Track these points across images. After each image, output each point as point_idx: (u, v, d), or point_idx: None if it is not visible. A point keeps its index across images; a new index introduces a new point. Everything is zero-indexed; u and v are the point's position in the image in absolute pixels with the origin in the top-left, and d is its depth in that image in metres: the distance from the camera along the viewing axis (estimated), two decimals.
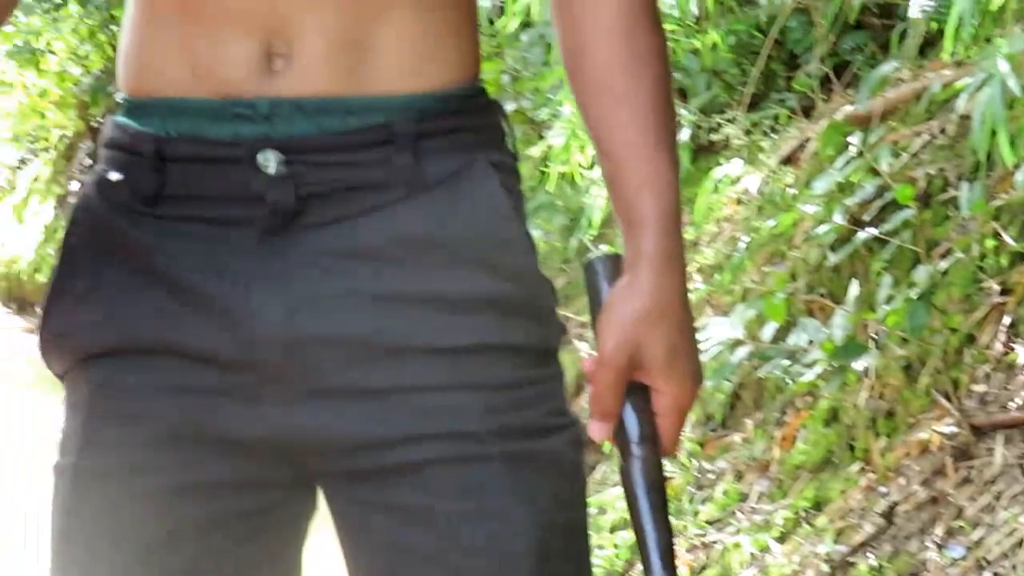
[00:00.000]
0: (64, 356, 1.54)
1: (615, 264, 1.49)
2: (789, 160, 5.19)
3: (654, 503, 1.51)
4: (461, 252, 1.46)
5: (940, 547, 3.68)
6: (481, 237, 1.47)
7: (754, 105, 5.68)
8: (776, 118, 5.49)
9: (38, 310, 1.73)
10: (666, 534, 1.52)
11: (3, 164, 15.51)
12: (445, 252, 1.45)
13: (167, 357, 1.51)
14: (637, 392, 1.48)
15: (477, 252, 1.46)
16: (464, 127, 1.51)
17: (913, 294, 3.66)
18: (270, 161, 1.46)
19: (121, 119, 1.53)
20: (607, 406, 1.48)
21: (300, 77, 1.47)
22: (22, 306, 13.81)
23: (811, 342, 3.86)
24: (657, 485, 1.51)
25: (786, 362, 3.99)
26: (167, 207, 1.49)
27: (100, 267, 1.54)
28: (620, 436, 1.49)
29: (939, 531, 3.72)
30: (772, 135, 5.42)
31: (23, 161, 15.05)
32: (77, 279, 1.54)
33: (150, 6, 1.53)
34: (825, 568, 3.93)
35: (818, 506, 4.15)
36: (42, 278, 12.72)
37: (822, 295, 4.36)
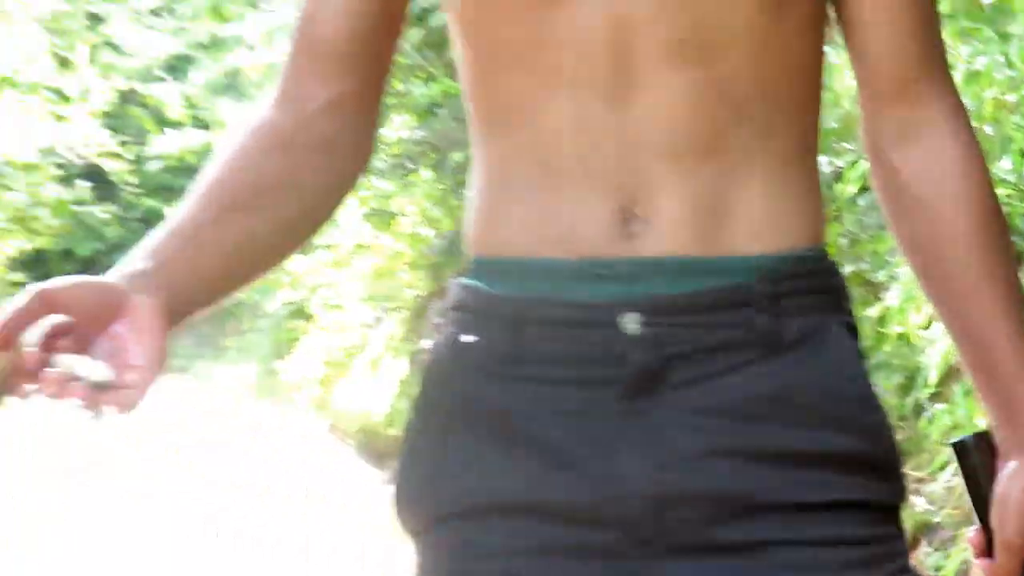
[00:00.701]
0: (418, 516, 1.57)
1: (987, 442, 1.52)
2: None
3: None
4: (816, 410, 1.48)
5: None
6: (835, 395, 1.50)
7: None
8: None
9: (394, 464, 1.77)
10: None
11: (360, 323, 16.04)
12: (801, 410, 1.48)
13: (528, 517, 1.53)
14: None
15: (831, 410, 1.49)
16: (815, 288, 1.54)
17: None
18: (632, 322, 1.49)
19: (470, 281, 1.57)
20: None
21: (658, 238, 1.50)
22: (379, 458, 14.00)
23: None
24: None
25: None
26: (523, 368, 1.53)
27: (454, 427, 1.58)
28: None
29: None
30: None
31: (377, 319, 15.65)
32: (432, 438, 1.59)
33: (503, 169, 1.59)
34: None
35: None
36: (395, 431, 13.10)
37: None
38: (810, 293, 1.54)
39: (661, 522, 1.47)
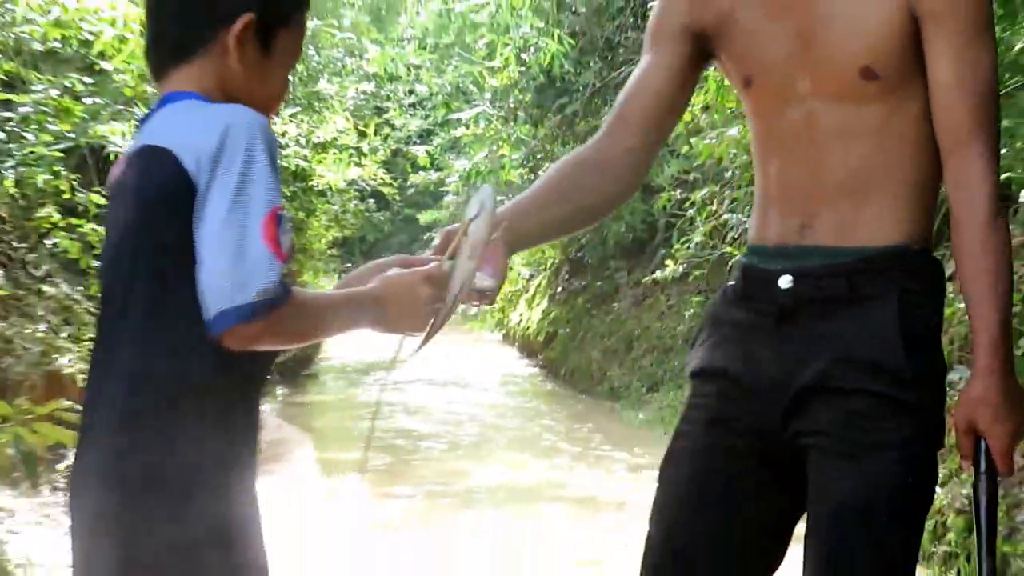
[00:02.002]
0: (688, 369, 2.19)
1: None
2: None
3: (989, 512, 1.98)
4: (860, 340, 1.98)
5: None
6: (870, 333, 1.98)
7: None
8: None
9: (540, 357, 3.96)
10: (992, 530, 1.97)
11: (522, 276, 17.75)
12: (852, 339, 1.99)
13: (719, 378, 2.14)
14: (982, 441, 1.95)
15: (868, 341, 1.97)
16: (888, 269, 2.00)
17: None
18: (785, 281, 2.04)
19: (743, 256, 2.12)
20: (964, 450, 1.99)
21: (813, 236, 2.04)
22: (530, 354, 16.13)
23: None
24: (990, 500, 1.98)
25: None
26: (741, 301, 2.12)
27: (710, 326, 2.17)
28: (975, 469, 1.98)
29: None
30: None
31: (531, 275, 17.57)
32: (703, 331, 2.19)
33: (759, 194, 2.12)
34: None
35: None
36: (540, 339, 15.70)
37: None
38: (884, 271, 1.99)
39: (780, 395, 2.03)
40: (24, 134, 7.43)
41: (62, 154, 7.83)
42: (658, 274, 10.67)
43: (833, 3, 2.00)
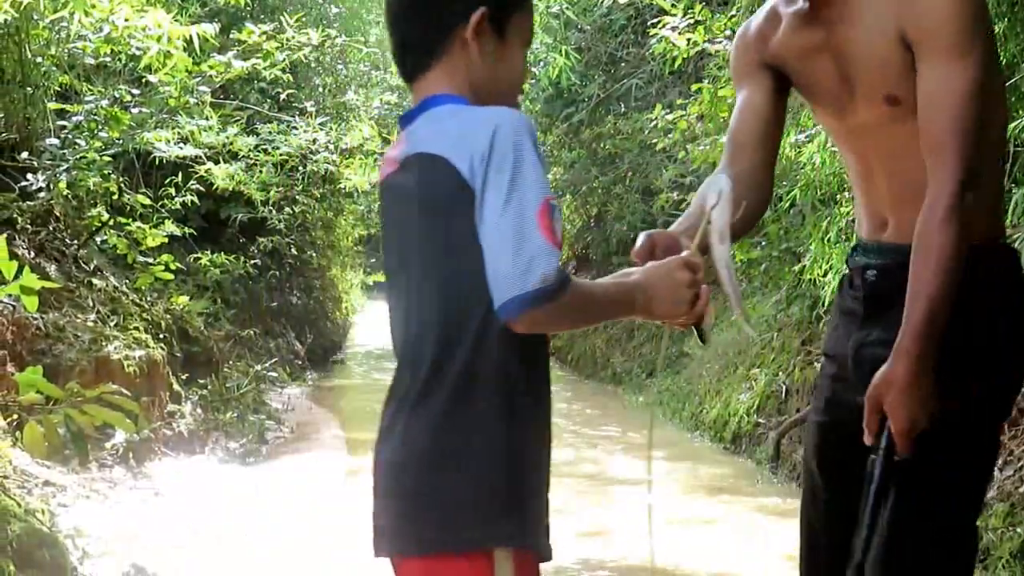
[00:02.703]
0: (821, 352, 2.33)
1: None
2: None
3: (879, 489, 2.05)
4: (890, 330, 2.06)
5: None
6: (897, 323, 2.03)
7: None
8: None
9: None
10: (876, 505, 2.05)
11: None
12: (886, 328, 2.08)
13: (833, 360, 2.31)
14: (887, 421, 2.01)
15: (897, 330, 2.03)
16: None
17: None
18: (870, 275, 2.18)
19: (851, 250, 2.26)
20: (870, 426, 2.05)
21: (886, 235, 2.17)
22: None
23: None
24: (882, 476, 2.04)
25: None
26: (845, 290, 2.27)
27: (834, 313, 2.34)
28: (875, 445, 2.06)
29: None
30: None
31: None
32: (831, 318, 2.35)
33: (854, 192, 2.25)
34: None
35: None
36: None
37: None
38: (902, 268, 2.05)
39: (856, 369, 2.17)
40: (77, 140, 7.53)
41: (111, 159, 7.93)
42: None
43: (851, 42, 2.09)
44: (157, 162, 9.34)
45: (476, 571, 1.77)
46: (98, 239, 8.11)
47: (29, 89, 7.58)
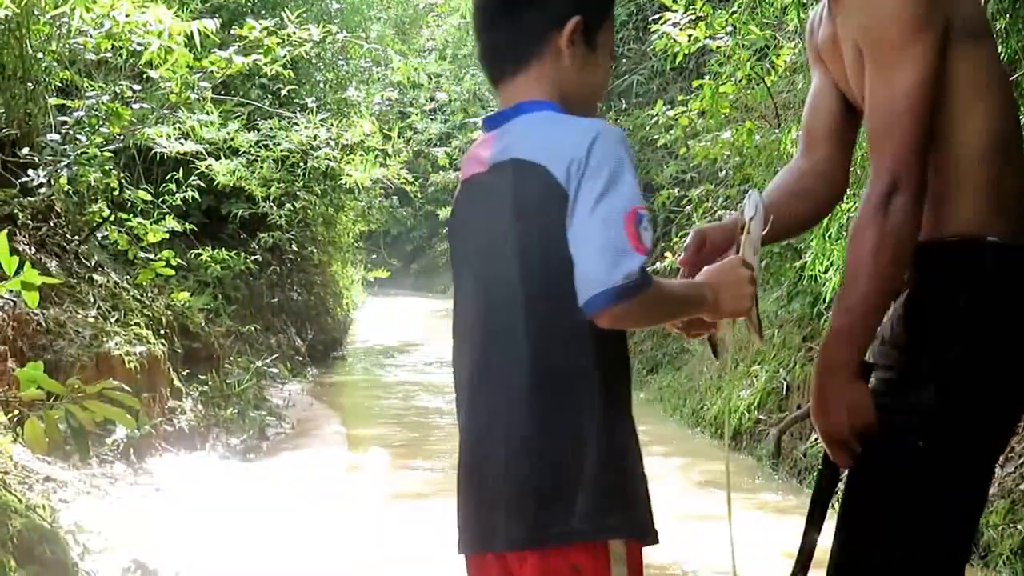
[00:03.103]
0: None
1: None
2: None
3: (823, 495, 2.12)
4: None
5: None
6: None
7: None
8: None
9: None
10: (816, 510, 2.10)
11: None
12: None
13: None
14: None
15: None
16: (920, 263, 2.05)
17: None
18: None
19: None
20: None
21: None
22: None
23: None
24: (825, 484, 2.11)
25: None
26: None
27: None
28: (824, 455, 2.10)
29: None
30: None
31: None
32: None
33: None
34: None
35: None
36: None
37: None
38: (919, 266, 2.04)
39: None
40: (78, 136, 7.54)
41: (112, 154, 7.93)
42: (658, 265, 10.72)
43: (844, 40, 2.12)
44: (158, 158, 9.38)
45: (597, 562, 1.83)
46: (99, 235, 8.11)
47: (30, 85, 7.60)
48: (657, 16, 8.34)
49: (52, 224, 7.47)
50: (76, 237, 7.74)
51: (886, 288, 1.97)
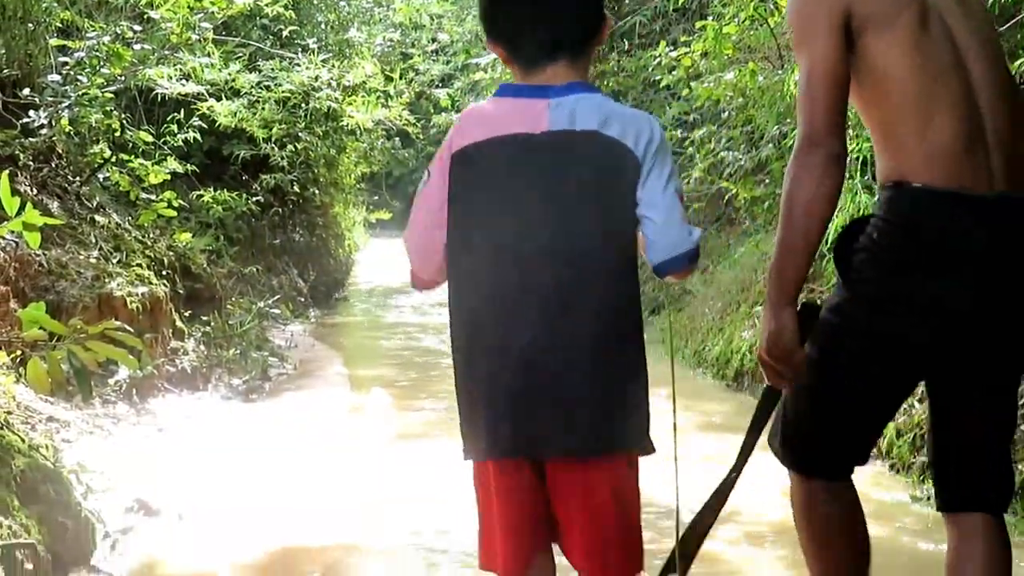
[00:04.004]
0: None
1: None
2: None
3: (759, 417, 2.59)
4: None
5: None
6: None
7: None
8: None
9: None
10: (752, 431, 2.60)
11: None
12: None
13: None
14: None
15: None
16: None
17: None
18: None
19: None
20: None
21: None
22: None
23: None
24: (763, 405, 2.56)
25: None
26: None
27: None
28: None
29: None
30: None
31: None
32: None
33: None
34: None
35: None
36: None
37: None
38: None
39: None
40: (79, 77, 7.48)
41: (113, 95, 7.88)
42: None
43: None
44: (159, 99, 9.34)
45: (633, 470, 2.30)
46: (100, 176, 8.08)
47: (31, 25, 7.57)
48: None
49: (53, 165, 7.44)
50: (77, 178, 7.71)
51: (800, 232, 2.29)
